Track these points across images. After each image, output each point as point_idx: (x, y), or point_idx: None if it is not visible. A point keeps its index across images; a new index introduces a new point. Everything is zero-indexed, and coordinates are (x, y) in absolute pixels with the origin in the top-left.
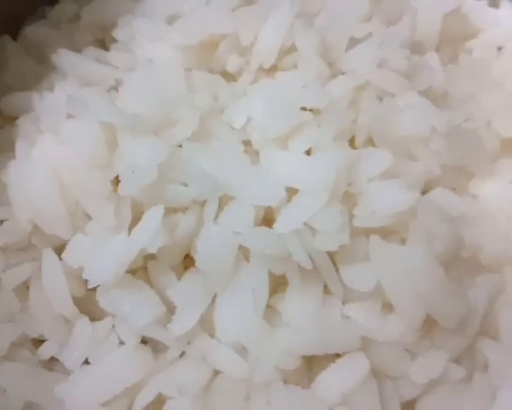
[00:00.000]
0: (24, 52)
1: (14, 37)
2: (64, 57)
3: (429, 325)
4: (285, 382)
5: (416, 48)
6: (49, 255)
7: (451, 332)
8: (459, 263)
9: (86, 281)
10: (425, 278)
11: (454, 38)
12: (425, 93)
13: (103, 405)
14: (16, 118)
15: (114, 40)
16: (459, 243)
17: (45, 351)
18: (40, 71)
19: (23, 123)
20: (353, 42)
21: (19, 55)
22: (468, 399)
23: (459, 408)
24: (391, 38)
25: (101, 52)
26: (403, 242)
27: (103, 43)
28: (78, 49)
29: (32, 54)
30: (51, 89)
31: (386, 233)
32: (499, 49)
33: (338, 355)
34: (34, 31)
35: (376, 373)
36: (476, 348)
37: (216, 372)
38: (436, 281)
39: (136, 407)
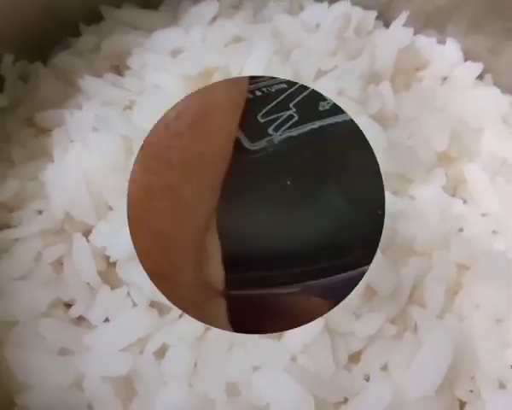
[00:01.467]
0: (53, 76)
1: (44, 63)
2: (88, 82)
3: (370, 293)
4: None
5: (373, 77)
6: (78, 238)
7: (387, 299)
8: (394, 248)
9: (108, 258)
10: None
11: (407, 69)
12: (376, 116)
13: (120, 350)
14: (48, 130)
15: (128, 67)
16: (393, 232)
17: (75, 311)
18: (68, 92)
19: (57, 134)
20: (320, 74)
21: (49, 78)
22: (399, 350)
23: (392, 357)
24: (351, 70)
25: (117, 78)
26: None
27: (117, 68)
28: (98, 75)
29: (60, 78)
30: (79, 107)
31: None
32: (444, 78)
33: None
34: (62, 59)
35: (329, 329)
36: (408, 313)
37: (207, 328)
38: (375, 259)
39: (147, 353)
